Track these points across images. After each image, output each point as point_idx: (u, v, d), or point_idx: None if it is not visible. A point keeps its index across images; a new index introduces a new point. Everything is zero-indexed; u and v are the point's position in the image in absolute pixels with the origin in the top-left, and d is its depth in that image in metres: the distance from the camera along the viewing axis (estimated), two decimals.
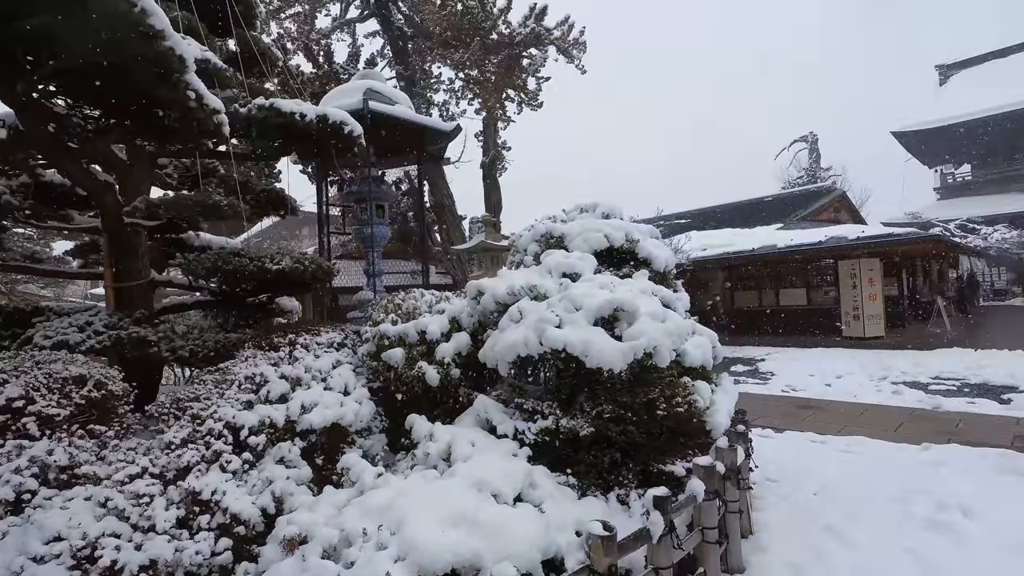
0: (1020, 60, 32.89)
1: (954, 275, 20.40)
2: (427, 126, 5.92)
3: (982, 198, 30.15)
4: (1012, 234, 22.57)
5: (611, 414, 2.94)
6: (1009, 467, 4.33)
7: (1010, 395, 7.10)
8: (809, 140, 27.98)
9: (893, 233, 12.85)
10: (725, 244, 15.00)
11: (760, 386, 8.77)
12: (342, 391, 3.51)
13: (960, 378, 8.33)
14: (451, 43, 15.84)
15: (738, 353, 12.84)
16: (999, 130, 29.61)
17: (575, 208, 4.46)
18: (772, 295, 15.73)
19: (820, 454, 5.11)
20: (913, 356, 10.24)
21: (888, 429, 5.88)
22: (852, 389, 8.00)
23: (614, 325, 2.99)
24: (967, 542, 3.28)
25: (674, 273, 4.40)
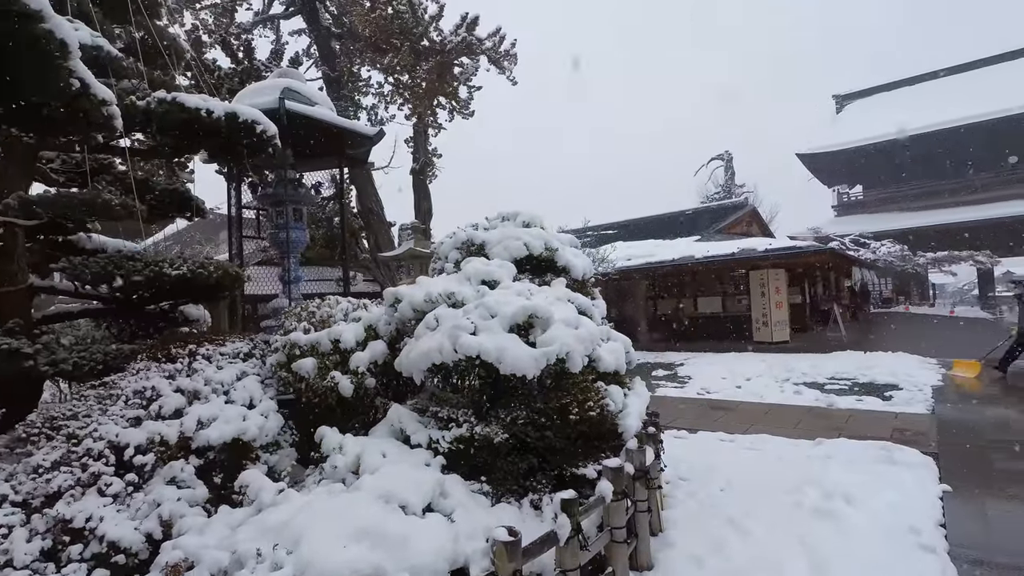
0: (904, 94, 37.00)
1: (848, 285, 22.45)
2: (348, 129, 5.77)
3: (872, 215, 33.49)
4: (896, 248, 25.21)
5: (525, 420, 2.97)
6: (887, 457, 4.79)
7: (891, 393, 7.87)
8: (725, 158, 29.95)
9: (796, 246, 13.98)
10: (648, 254, 15.68)
11: (678, 389, 9.20)
12: (246, 404, 3.31)
13: (851, 378, 9.15)
14: (381, 47, 15.59)
15: (660, 358, 13.41)
16: (884, 156, 33.11)
17: (497, 216, 4.50)
18: (691, 303, 16.61)
19: (728, 452, 5.42)
20: (813, 359, 11.14)
21: (788, 426, 6.34)
22: (759, 390, 8.57)
23: (529, 332, 3.03)
24: (848, 528, 3.59)
25: (592, 281, 4.53)
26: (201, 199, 5.63)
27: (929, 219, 30.62)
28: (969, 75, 35.25)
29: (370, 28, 15.46)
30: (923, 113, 31.79)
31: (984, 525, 3.67)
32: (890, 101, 36.52)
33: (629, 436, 3.27)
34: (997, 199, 30.43)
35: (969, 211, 30.45)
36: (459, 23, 15.50)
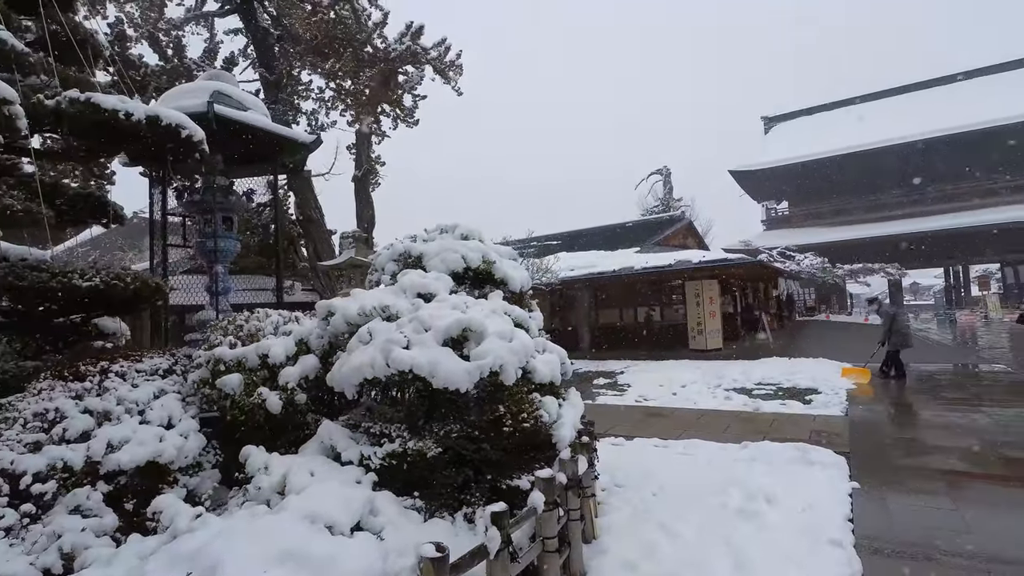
0: (823, 118, 39.92)
1: (776, 294, 23.87)
2: (283, 136, 5.61)
3: (797, 230, 35.83)
4: (817, 261, 27.03)
5: (459, 433, 2.98)
6: (803, 458, 5.12)
7: (811, 396, 8.41)
8: (664, 173, 31.24)
9: (727, 258, 14.74)
10: (590, 265, 16.07)
11: (617, 397, 9.44)
12: (164, 424, 3.13)
13: (776, 383, 9.71)
14: (323, 51, 15.26)
15: (601, 367, 13.73)
16: (805, 175, 35.57)
17: (436, 228, 4.49)
18: (632, 312, 17.13)
19: (662, 457, 5.62)
20: (743, 365, 11.74)
21: (719, 431, 6.64)
22: (693, 397, 8.94)
23: (463, 345, 3.05)
24: (767, 526, 3.81)
25: (530, 293, 4.60)
26: (119, 204, 5.29)
27: (846, 234, 33.12)
28: (876, 103, 38.54)
29: (311, 32, 15.10)
30: (838, 136, 34.45)
31: (886, 517, 3.98)
32: (810, 124, 39.33)
33: (563, 446, 3.33)
34: (904, 216, 33.34)
35: (880, 227, 33.18)
36: (404, 32, 15.42)
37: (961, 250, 32.78)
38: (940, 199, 33.11)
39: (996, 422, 6.63)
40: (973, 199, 32.25)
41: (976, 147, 31.39)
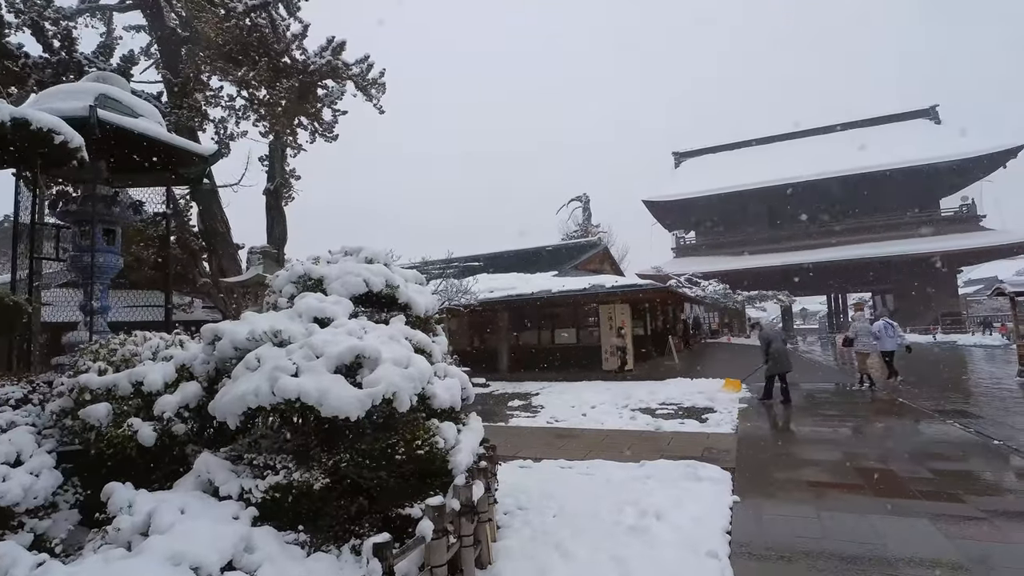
0: (725, 157, 43.51)
1: (683, 318, 25.42)
2: (179, 146, 5.29)
3: (703, 258, 38.53)
4: (720, 287, 29.15)
5: (349, 463, 2.91)
6: (693, 475, 5.47)
7: (707, 415, 9.01)
8: (583, 200, 32.55)
9: (638, 284, 15.55)
10: (510, 287, 16.32)
11: (530, 419, 9.59)
12: (11, 461, 2.80)
13: (678, 403, 10.30)
14: (236, 58, 14.58)
15: (518, 388, 13.89)
16: (709, 208, 38.52)
17: (340, 250, 4.41)
18: (549, 334, 17.54)
19: (565, 479, 5.76)
20: (650, 386, 12.36)
21: (621, 451, 6.93)
22: (601, 417, 9.27)
23: (356, 372, 3.00)
24: (655, 542, 4.01)
25: (436, 317, 4.61)
26: None
27: (745, 263, 36.07)
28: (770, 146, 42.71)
29: (224, 37, 14.41)
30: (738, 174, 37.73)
31: (759, 527, 4.34)
32: (715, 162, 42.78)
33: (459, 472, 3.35)
34: (794, 249, 36.87)
35: (774, 257, 36.47)
36: (324, 45, 15.11)
37: (840, 280, 36.76)
38: (823, 234, 37.06)
39: (858, 437, 7.46)
40: (850, 235, 36.38)
41: (851, 190, 35.60)
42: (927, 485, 5.15)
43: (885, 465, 5.87)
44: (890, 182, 35.00)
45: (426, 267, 17.98)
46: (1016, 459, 6.00)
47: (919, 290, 34.68)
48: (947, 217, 36.47)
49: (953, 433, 7.34)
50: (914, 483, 5.23)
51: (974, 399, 10.39)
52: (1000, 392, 11.06)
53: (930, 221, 36.01)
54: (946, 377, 14.11)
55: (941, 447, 6.62)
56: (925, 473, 5.53)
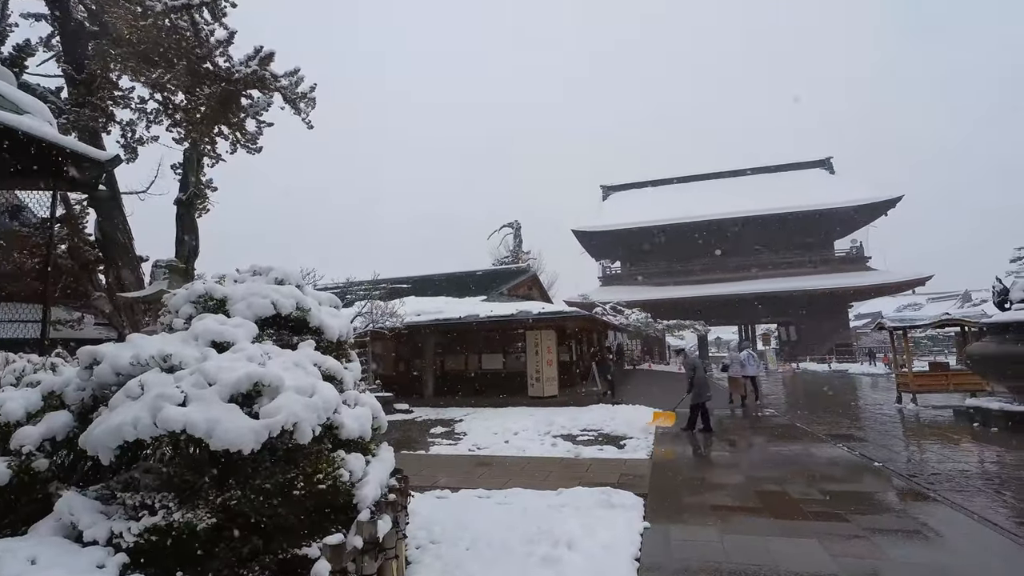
0: (649, 192, 45.94)
1: (607, 345, 26.19)
2: (71, 149, 4.85)
3: (627, 287, 40.10)
4: (643, 316, 30.37)
5: (241, 500, 2.70)
6: (608, 502, 5.55)
7: (625, 441, 9.25)
8: (515, 227, 33.09)
9: (563, 311, 15.89)
10: (438, 311, 16.14)
11: (451, 446, 9.41)
12: None
13: (598, 429, 10.51)
14: (151, 59, 13.69)
15: (442, 414, 13.64)
16: (633, 240, 40.39)
17: (249, 270, 4.17)
18: (476, 359, 17.44)
19: (482, 509, 5.66)
20: (573, 412, 12.54)
21: (541, 478, 6.93)
22: (524, 444, 9.26)
23: (255, 401, 2.81)
24: (566, 571, 4.01)
25: (351, 342, 4.45)
26: None
27: (666, 293, 37.93)
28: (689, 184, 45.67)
29: (138, 36, 13.50)
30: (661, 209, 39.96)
31: (667, 552, 4.46)
32: (639, 196, 45.10)
33: (364, 506, 3.19)
34: (709, 281, 39.26)
35: (692, 289, 38.62)
36: (251, 54, 14.54)
37: (750, 311, 39.50)
38: (735, 268, 39.83)
39: (760, 460, 7.92)
40: (758, 271, 39.35)
41: (759, 229, 38.65)
42: (817, 506, 5.54)
43: (782, 488, 6.26)
44: (792, 224, 38.44)
45: (351, 288, 17.45)
46: (894, 480, 6.61)
47: (817, 322, 37.96)
48: (840, 257, 40.42)
49: (841, 456, 7.98)
50: (806, 504, 5.60)
51: (860, 423, 11.40)
52: (881, 417, 12.22)
53: (826, 261, 39.75)
54: (837, 403, 15.42)
55: (831, 469, 7.17)
56: (816, 495, 5.95)
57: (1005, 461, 7.60)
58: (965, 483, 6.41)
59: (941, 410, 12.44)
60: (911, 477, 6.69)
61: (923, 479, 6.60)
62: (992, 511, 5.27)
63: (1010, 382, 10.02)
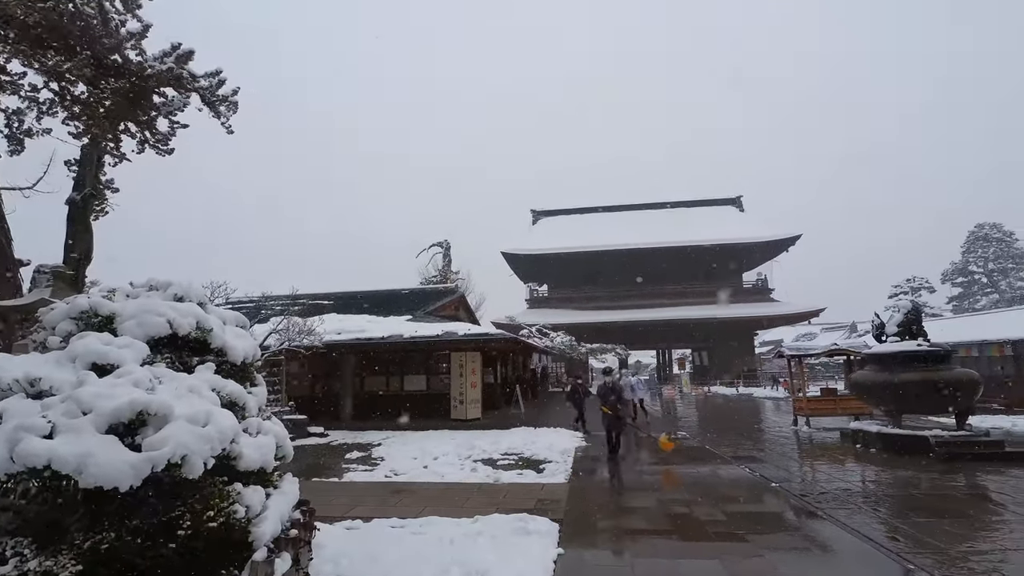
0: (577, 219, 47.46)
1: (532, 367, 26.47)
2: None
3: (553, 310, 40.92)
4: (567, 339, 31.05)
5: (112, 543, 2.42)
6: (524, 528, 5.53)
7: (544, 465, 9.30)
8: (444, 246, 32.92)
9: (488, 332, 15.92)
10: (360, 330, 15.63)
11: (367, 473, 9.04)
12: None
13: (519, 453, 10.51)
14: (47, 43, 12.47)
15: (359, 438, 13.10)
16: (560, 264, 41.48)
17: (145, 284, 3.83)
18: (398, 381, 17.00)
19: (395, 539, 5.45)
20: (495, 435, 12.47)
21: (458, 505, 6.79)
22: (443, 469, 9.06)
23: (138, 431, 2.56)
24: None
25: (259, 365, 4.19)
26: None
27: (590, 317, 39.08)
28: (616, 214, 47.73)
29: (34, 18, 12.27)
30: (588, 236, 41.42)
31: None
32: (568, 222, 46.52)
33: (261, 544, 2.98)
34: (630, 307, 40.91)
35: (614, 314, 40.04)
36: (167, 51, 13.63)
37: (667, 337, 41.52)
38: (655, 295, 41.85)
39: (671, 482, 8.25)
40: (675, 298, 41.58)
41: (676, 259, 41.00)
42: (721, 527, 5.82)
43: (689, 510, 6.54)
44: (706, 256, 41.15)
45: (267, 303, 16.53)
46: (788, 499, 7.10)
47: (727, 349, 40.58)
48: (747, 289, 43.64)
49: (743, 477, 8.49)
50: (711, 525, 5.88)
51: (760, 445, 12.21)
52: (779, 438, 13.16)
53: (735, 291, 42.76)
54: (742, 425, 16.44)
55: (734, 490, 7.59)
56: (720, 516, 6.26)
57: (881, 480, 8.40)
58: (848, 500, 7.01)
59: (830, 432, 13.59)
60: (803, 496, 7.22)
61: (812, 498, 7.14)
62: (869, 527, 5.78)
63: (885, 407, 11.17)
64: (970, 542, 5.27)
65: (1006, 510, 6.46)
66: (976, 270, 48.49)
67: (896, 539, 5.37)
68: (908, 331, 11.32)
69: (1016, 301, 43.55)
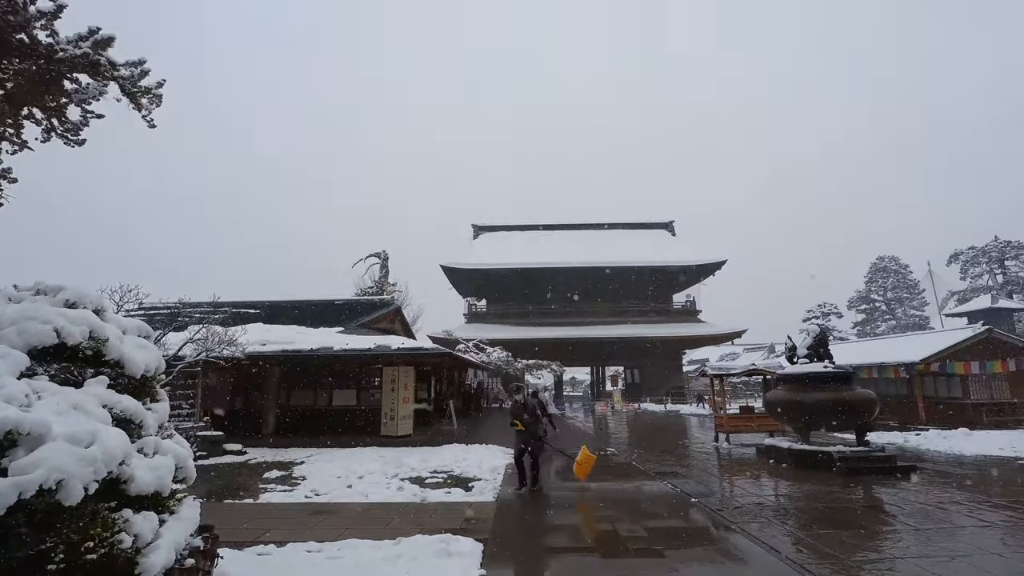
0: (517, 235, 47.97)
1: (467, 383, 26.25)
2: None
3: (491, 326, 40.93)
4: (504, 354, 31.09)
5: None
6: (446, 550, 5.41)
7: (474, 483, 9.19)
8: (382, 257, 32.23)
9: (422, 347, 15.65)
10: (287, 341, 14.92)
11: (286, 493, 8.57)
12: None
13: (448, 470, 10.34)
14: None
15: (281, 455, 12.43)
16: (498, 280, 41.70)
17: (31, 288, 3.47)
18: (327, 395, 16.33)
19: (308, 564, 5.17)
20: (424, 453, 12.21)
21: (381, 527, 6.56)
22: (368, 489, 8.74)
23: (6, 453, 2.29)
24: None
25: (162, 379, 3.89)
26: None
27: (527, 334, 39.39)
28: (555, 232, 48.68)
29: None
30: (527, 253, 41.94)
31: None
32: (508, 238, 46.95)
33: (152, 575, 2.73)
34: (567, 324, 41.62)
35: (551, 331, 40.57)
36: (84, 35, 12.64)
37: (601, 354, 42.54)
38: (590, 314, 42.88)
39: (596, 499, 8.37)
40: (610, 317, 42.77)
41: (611, 279, 42.27)
42: (642, 543, 5.95)
43: (613, 527, 6.64)
44: (639, 277, 42.75)
45: (185, 311, 15.48)
46: (705, 514, 7.38)
47: (657, 367, 42.10)
48: (677, 310, 45.63)
49: (666, 492, 8.76)
50: (632, 541, 6.00)
51: (684, 461, 12.68)
52: (701, 454, 13.74)
53: (665, 312, 44.62)
54: (668, 441, 17.04)
55: (656, 506, 7.81)
56: (641, 532, 6.41)
57: (790, 493, 8.93)
58: (759, 514, 7.38)
59: (748, 448, 14.34)
60: (719, 511, 7.54)
61: (728, 513, 7.46)
62: (777, 539, 6.11)
63: (794, 424, 11.95)
64: (864, 552, 5.68)
65: (896, 520, 7.03)
66: (877, 298, 53.22)
67: (800, 550, 5.71)
68: (816, 354, 12.21)
69: (911, 327, 48.22)
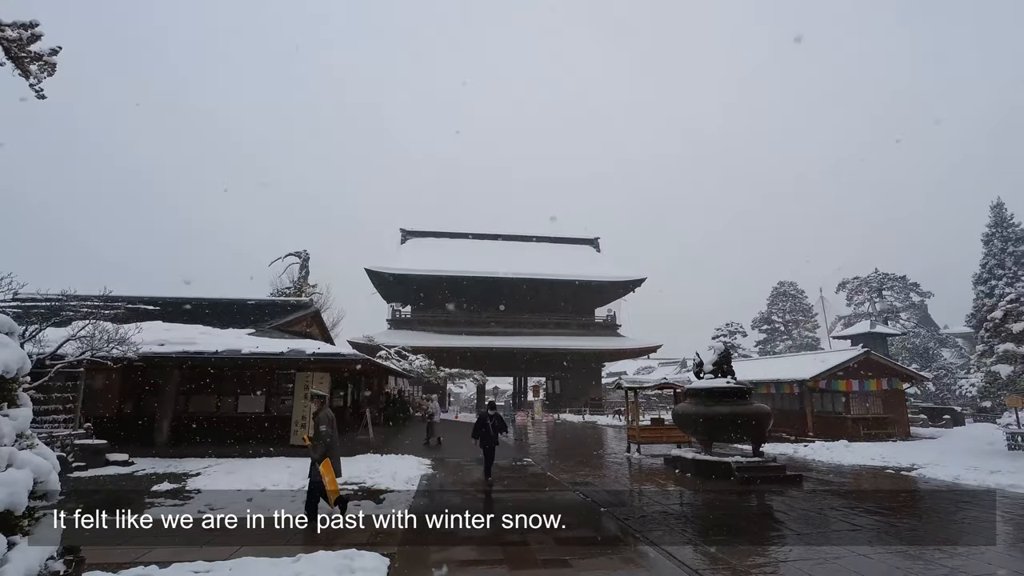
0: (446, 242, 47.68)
1: (387, 390, 25.56)
2: None
3: (415, 332, 40.22)
4: (427, 362, 30.61)
5: None
6: (349, 567, 5.18)
7: (385, 495, 8.93)
8: (303, 256, 30.80)
9: (342, 353, 15.08)
10: (188, 341, 13.81)
11: (176, 509, 7.88)
12: None
13: (361, 482, 9.97)
14: None
15: (175, 466, 11.44)
16: (424, 286, 41.22)
17: None
18: (232, 401, 15.28)
19: None
20: None
21: (281, 543, 6.17)
22: (270, 503, 8.23)
23: None
24: None
25: (26, 381, 3.46)
26: None
27: (450, 342, 39.09)
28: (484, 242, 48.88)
29: None
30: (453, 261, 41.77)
31: None
32: (436, 245, 46.59)
33: None
34: (490, 333, 41.75)
35: (474, 340, 40.52)
36: None
37: (524, 364, 43.01)
38: (514, 324, 43.30)
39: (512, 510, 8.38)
40: (534, 328, 43.42)
41: (536, 290, 43.00)
42: (548, 553, 6.04)
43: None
44: (563, 290, 43.81)
45: (69, 304, 13.94)
46: (613, 523, 7.62)
47: (577, 378, 43.22)
48: (598, 323, 47.17)
49: (577, 502, 8.96)
50: (540, 552, 6.07)
51: (597, 471, 13.05)
52: (614, 464, 14.21)
53: (587, 325, 45.98)
54: (583, 452, 17.48)
55: (567, 516, 7.87)
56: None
57: (692, 502, 9.43)
58: (663, 522, 7.72)
59: (657, 458, 15.01)
60: (626, 520, 7.81)
61: (634, 521, 7.75)
62: (677, 546, 6.41)
63: (698, 436, 12.68)
64: (754, 556, 6.10)
65: (784, 527, 7.62)
66: (776, 320, 57.87)
67: (699, 556, 6.03)
68: (720, 370, 13.05)
69: (804, 347, 52.75)
